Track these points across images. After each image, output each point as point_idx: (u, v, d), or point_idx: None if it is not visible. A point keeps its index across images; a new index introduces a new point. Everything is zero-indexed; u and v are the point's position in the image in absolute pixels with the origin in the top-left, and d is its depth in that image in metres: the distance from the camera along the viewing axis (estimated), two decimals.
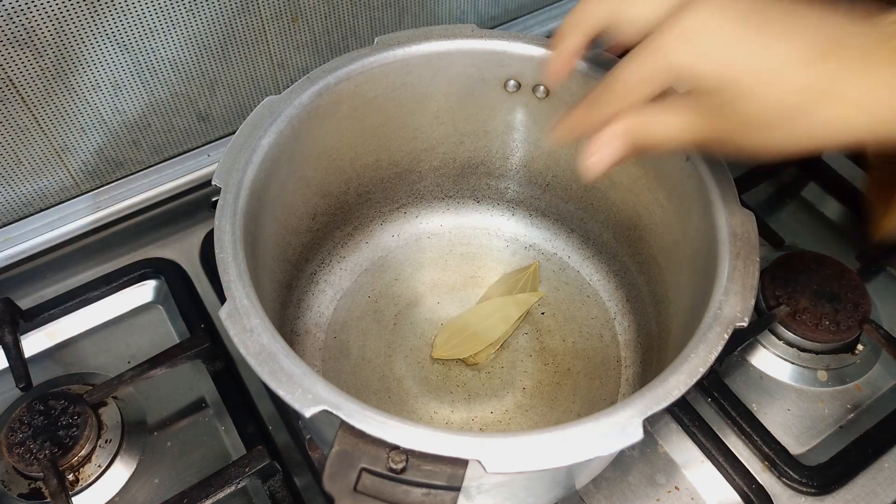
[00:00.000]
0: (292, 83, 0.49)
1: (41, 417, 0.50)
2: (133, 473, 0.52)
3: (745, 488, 0.50)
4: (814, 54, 0.32)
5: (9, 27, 0.50)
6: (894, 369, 0.57)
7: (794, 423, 0.54)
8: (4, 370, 0.55)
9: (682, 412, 0.53)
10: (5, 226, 0.61)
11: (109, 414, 0.53)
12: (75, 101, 0.57)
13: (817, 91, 0.32)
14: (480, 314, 0.57)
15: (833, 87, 0.32)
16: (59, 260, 0.62)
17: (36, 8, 0.50)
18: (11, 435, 0.49)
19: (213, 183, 0.45)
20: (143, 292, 0.61)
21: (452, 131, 0.58)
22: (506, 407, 0.53)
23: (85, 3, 0.52)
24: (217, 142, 0.67)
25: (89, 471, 0.51)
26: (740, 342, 0.56)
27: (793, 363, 0.57)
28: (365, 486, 0.33)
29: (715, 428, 0.53)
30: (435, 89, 0.54)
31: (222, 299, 0.39)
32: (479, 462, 0.33)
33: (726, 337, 0.39)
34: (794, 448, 0.53)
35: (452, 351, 0.55)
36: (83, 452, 0.50)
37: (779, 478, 0.51)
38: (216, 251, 0.41)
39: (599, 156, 0.39)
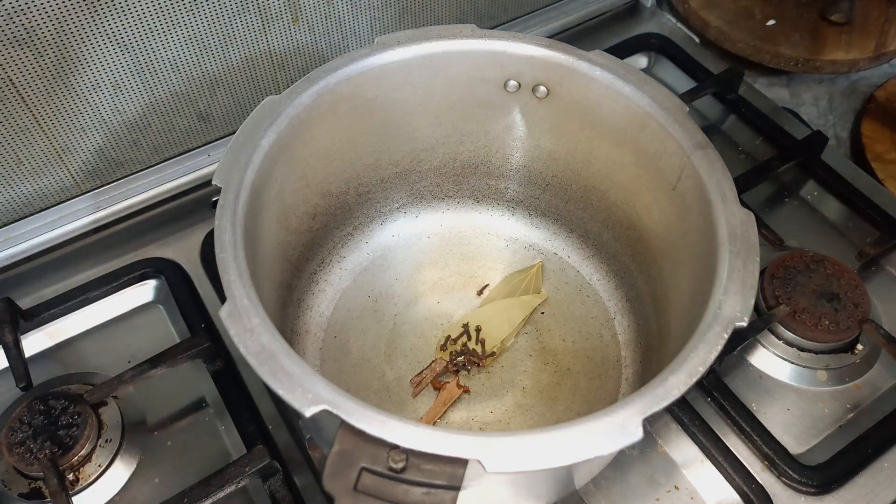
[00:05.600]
0: (292, 83, 0.49)
1: (41, 417, 0.50)
2: (133, 473, 0.52)
3: (745, 488, 0.50)
4: None
5: (9, 27, 0.50)
6: (894, 369, 0.57)
7: (793, 423, 0.54)
8: (4, 370, 0.55)
9: (682, 412, 0.53)
10: (5, 226, 0.61)
11: (110, 413, 0.53)
12: (75, 101, 0.57)
13: None
14: (484, 316, 0.57)
15: None
16: (59, 260, 0.62)
17: (36, 8, 0.50)
18: (11, 434, 0.49)
19: (213, 183, 0.45)
20: (144, 292, 0.61)
21: (452, 131, 0.58)
22: (506, 406, 0.53)
23: (85, 3, 0.52)
24: (217, 142, 0.67)
25: (89, 470, 0.51)
26: (740, 342, 0.56)
27: (792, 363, 0.57)
28: (365, 486, 0.34)
29: (715, 428, 0.53)
30: (435, 89, 0.54)
31: (222, 299, 0.39)
32: (479, 462, 0.33)
33: (726, 336, 0.39)
34: (794, 448, 0.53)
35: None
36: (83, 452, 0.50)
37: (778, 477, 0.51)
38: (216, 251, 0.41)
39: None
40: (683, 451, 0.53)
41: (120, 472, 0.51)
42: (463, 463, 0.34)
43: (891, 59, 0.81)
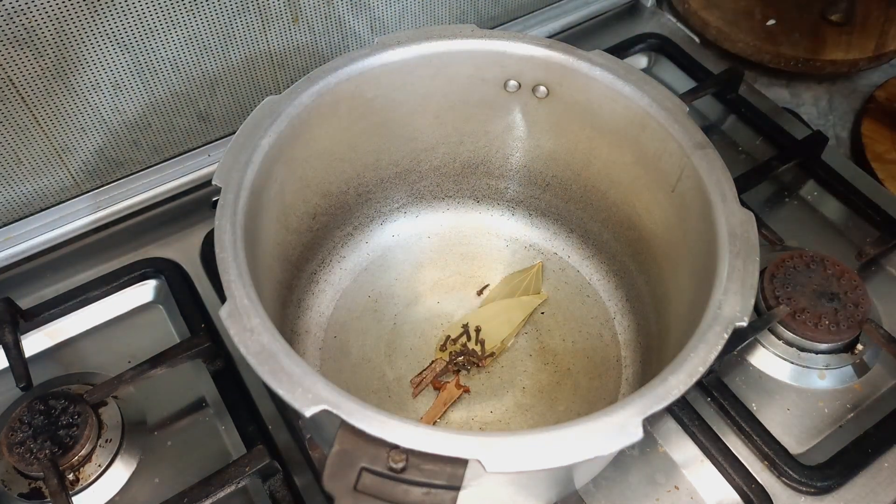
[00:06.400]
0: (292, 83, 0.49)
1: (41, 417, 0.50)
2: (133, 473, 0.52)
3: (745, 488, 0.50)
4: None
5: (9, 27, 0.50)
6: (894, 369, 0.57)
7: (793, 423, 0.54)
8: (4, 370, 0.55)
9: (682, 412, 0.53)
10: (5, 226, 0.61)
11: (110, 413, 0.53)
12: (75, 101, 0.57)
13: None
14: (484, 316, 0.57)
15: None
16: (59, 260, 0.62)
17: (36, 8, 0.50)
18: (12, 434, 0.49)
19: (213, 183, 0.45)
20: (144, 292, 0.61)
21: (452, 131, 0.58)
22: (506, 406, 0.53)
23: (85, 3, 0.52)
24: (217, 142, 0.67)
25: (89, 470, 0.51)
26: (740, 342, 0.56)
27: (792, 363, 0.57)
28: (365, 486, 0.34)
29: (715, 428, 0.53)
30: (435, 89, 0.54)
31: (222, 299, 0.39)
32: (479, 461, 0.33)
33: (726, 336, 0.39)
34: (794, 448, 0.53)
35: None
36: (83, 452, 0.50)
37: (778, 477, 0.51)
38: (216, 251, 0.41)
39: None
40: (683, 451, 0.53)
41: (120, 472, 0.51)
42: (463, 463, 0.34)
43: (891, 59, 0.81)
